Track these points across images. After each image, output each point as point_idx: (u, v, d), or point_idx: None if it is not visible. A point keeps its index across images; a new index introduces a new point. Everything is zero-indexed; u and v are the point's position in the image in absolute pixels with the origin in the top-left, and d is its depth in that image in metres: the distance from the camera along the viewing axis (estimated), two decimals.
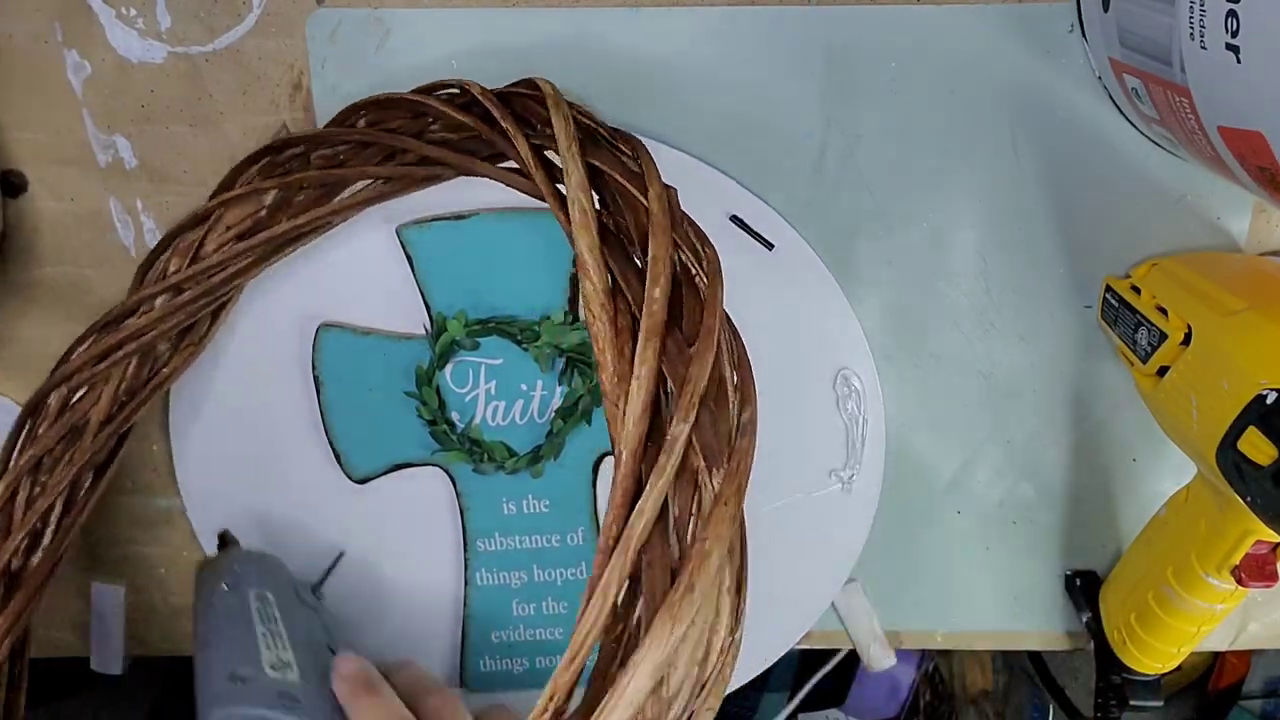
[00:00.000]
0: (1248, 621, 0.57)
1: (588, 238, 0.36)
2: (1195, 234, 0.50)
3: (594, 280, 0.35)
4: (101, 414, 0.46)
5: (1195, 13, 0.35)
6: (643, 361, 0.33)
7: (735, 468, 0.34)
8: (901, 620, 0.58)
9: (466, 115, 0.42)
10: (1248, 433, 0.38)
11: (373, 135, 0.45)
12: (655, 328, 0.33)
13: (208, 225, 0.45)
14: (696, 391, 0.33)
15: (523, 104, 0.42)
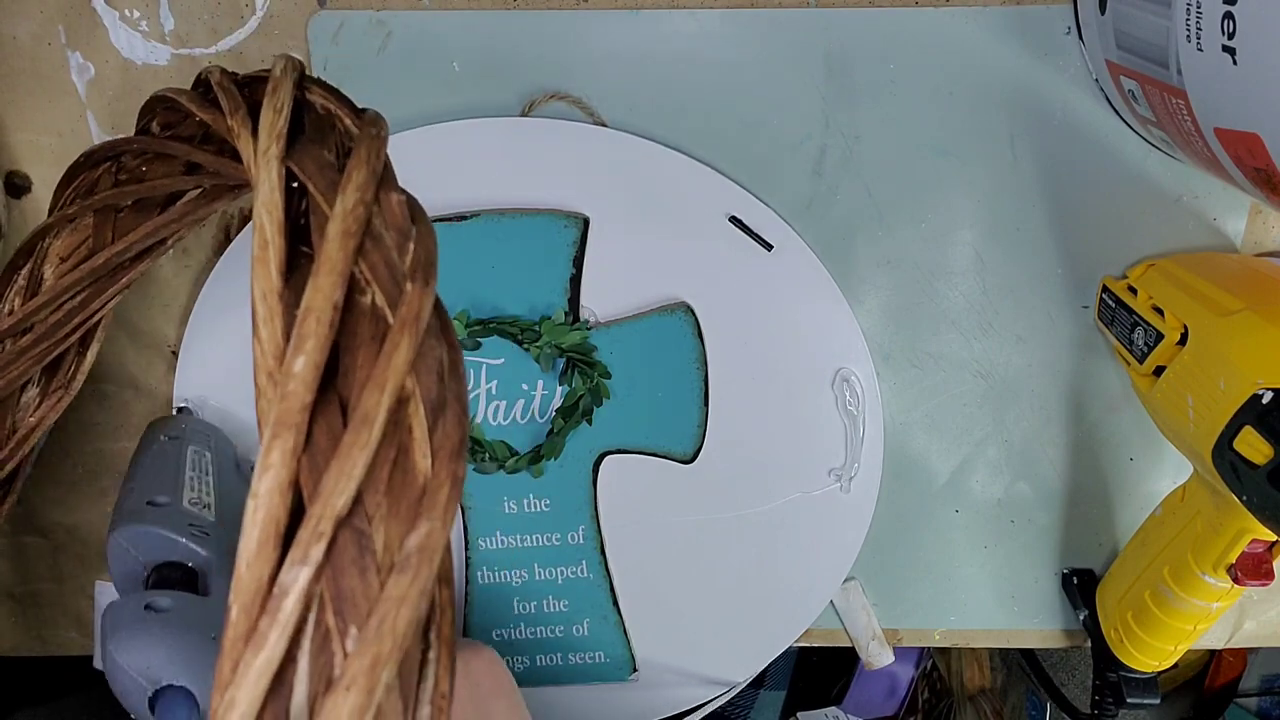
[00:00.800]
0: (1244, 619, 0.57)
1: (264, 278, 0.25)
2: (1191, 235, 0.50)
3: (263, 339, 0.24)
4: None
5: (1192, 15, 0.35)
6: (264, 469, 0.22)
7: (378, 629, 0.21)
8: (900, 618, 0.58)
9: (209, 112, 0.35)
10: (1244, 432, 0.38)
11: (158, 145, 0.40)
12: (289, 418, 0.23)
13: (36, 258, 0.41)
14: (329, 514, 0.22)
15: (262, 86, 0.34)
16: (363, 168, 0.28)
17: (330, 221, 0.26)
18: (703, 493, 0.55)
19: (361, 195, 0.27)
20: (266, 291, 0.25)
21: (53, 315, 0.41)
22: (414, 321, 0.24)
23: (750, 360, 0.53)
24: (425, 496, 0.24)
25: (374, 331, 0.25)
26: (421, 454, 0.24)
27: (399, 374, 0.24)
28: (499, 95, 0.50)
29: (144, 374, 0.55)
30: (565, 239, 0.50)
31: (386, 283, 0.25)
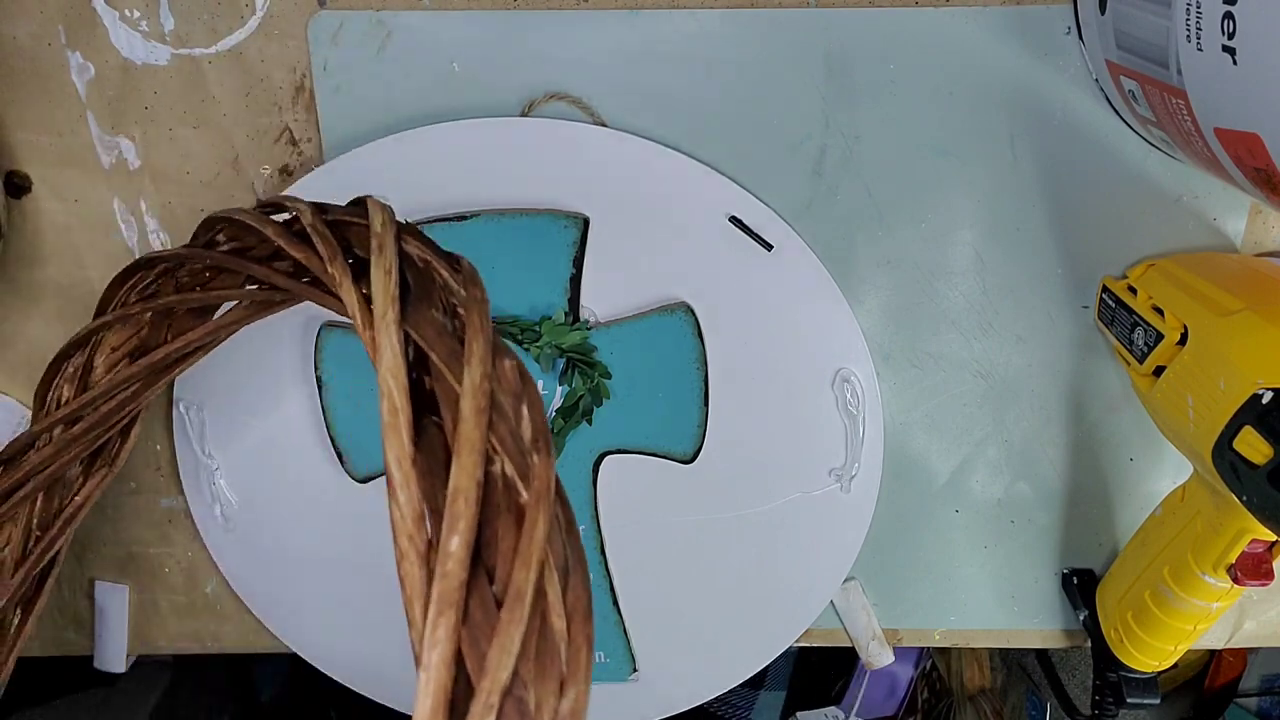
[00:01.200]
0: (1244, 619, 0.57)
1: (396, 445, 0.27)
2: (1191, 235, 0.50)
3: (401, 504, 0.27)
4: (16, 553, 0.44)
5: (1192, 15, 0.35)
6: (433, 645, 0.25)
7: None
8: (900, 618, 0.58)
9: (301, 250, 0.36)
10: (1244, 432, 0.38)
11: (228, 261, 0.40)
12: (450, 596, 0.25)
13: (90, 349, 0.43)
14: (495, 688, 0.24)
15: (357, 233, 0.35)
16: (480, 337, 0.29)
17: (462, 398, 0.27)
18: (703, 493, 0.55)
19: (485, 368, 0.28)
20: (400, 458, 0.27)
21: (104, 405, 0.42)
22: (545, 494, 0.27)
23: (750, 360, 0.53)
24: (568, 660, 0.26)
25: (508, 502, 0.27)
26: (557, 615, 0.26)
27: (540, 548, 0.26)
28: (499, 95, 0.50)
29: None
30: (565, 239, 0.50)
31: (514, 454, 0.27)
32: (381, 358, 0.28)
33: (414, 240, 0.34)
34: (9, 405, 0.56)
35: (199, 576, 0.59)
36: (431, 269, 0.33)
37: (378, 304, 0.30)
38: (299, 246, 0.36)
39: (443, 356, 0.28)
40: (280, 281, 0.38)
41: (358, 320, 0.31)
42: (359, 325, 0.31)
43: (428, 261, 0.33)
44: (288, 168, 0.51)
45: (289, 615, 0.58)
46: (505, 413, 0.28)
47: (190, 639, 0.60)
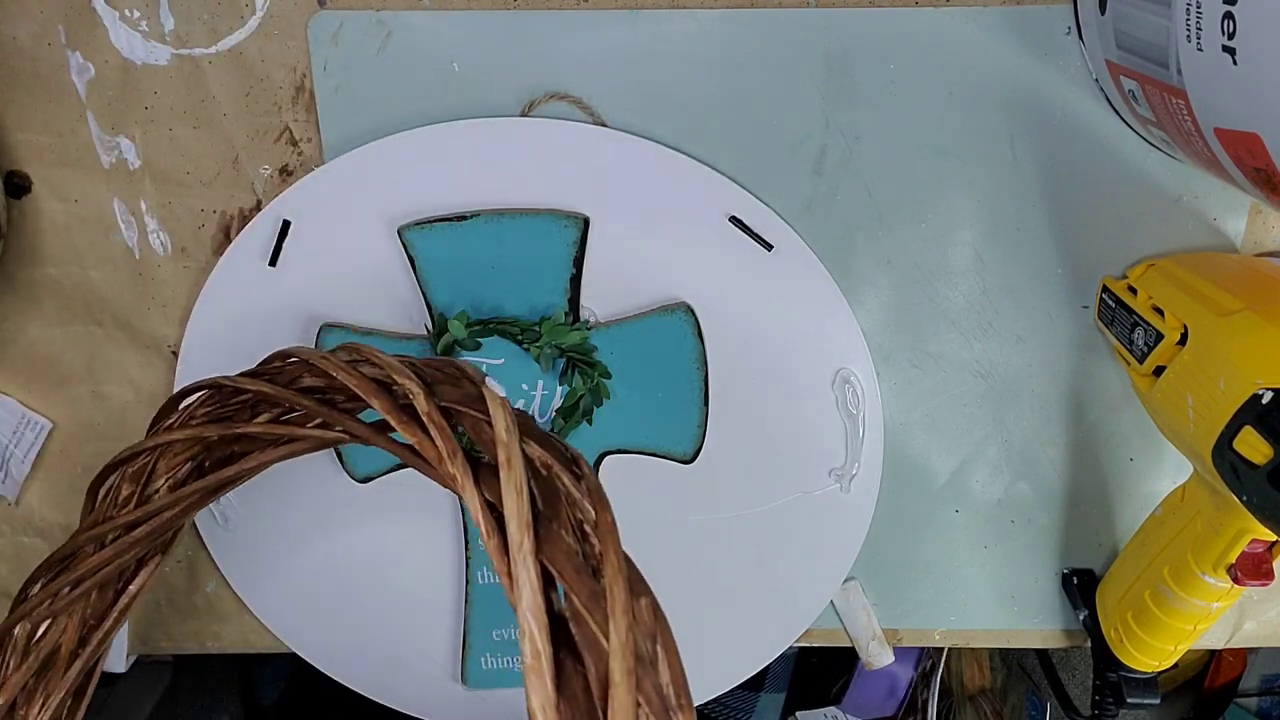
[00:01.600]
0: (1244, 619, 0.57)
1: (540, 692, 0.27)
2: (1191, 235, 0.50)
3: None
4: (71, 644, 0.45)
5: (1192, 15, 0.35)
6: None
7: None
8: (900, 618, 0.58)
9: (413, 432, 0.35)
10: (1244, 432, 0.38)
11: (319, 410, 0.40)
12: None
13: (155, 458, 0.44)
14: None
15: (473, 424, 0.34)
16: (620, 580, 0.28)
17: (611, 658, 0.27)
18: (703, 493, 0.55)
19: (629, 618, 0.27)
20: (545, 704, 0.27)
21: (166, 514, 0.43)
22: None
23: (750, 360, 0.53)
24: None
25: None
26: None
27: None
28: (499, 95, 0.50)
29: (144, 374, 0.55)
30: (565, 239, 0.50)
31: (660, 712, 0.27)
32: (520, 595, 0.28)
33: (534, 442, 0.33)
34: (9, 405, 0.56)
35: (199, 576, 0.59)
36: (554, 476, 0.32)
37: (512, 531, 0.29)
38: (411, 428, 0.35)
39: (584, 600, 0.28)
40: (383, 444, 0.38)
41: (483, 529, 0.30)
42: (484, 535, 0.30)
43: (550, 467, 0.33)
44: (288, 167, 0.51)
45: (289, 615, 0.58)
46: (648, 664, 0.28)
47: (190, 639, 0.60)
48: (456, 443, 0.33)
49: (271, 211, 0.51)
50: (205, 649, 0.60)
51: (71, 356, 0.55)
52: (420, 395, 0.35)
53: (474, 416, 0.34)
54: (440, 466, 0.33)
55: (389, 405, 0.36)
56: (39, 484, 0.57)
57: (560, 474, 0.32)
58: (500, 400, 0.34)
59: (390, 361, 0.37)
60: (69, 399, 0.56)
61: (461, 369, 0.38)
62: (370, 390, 0.37)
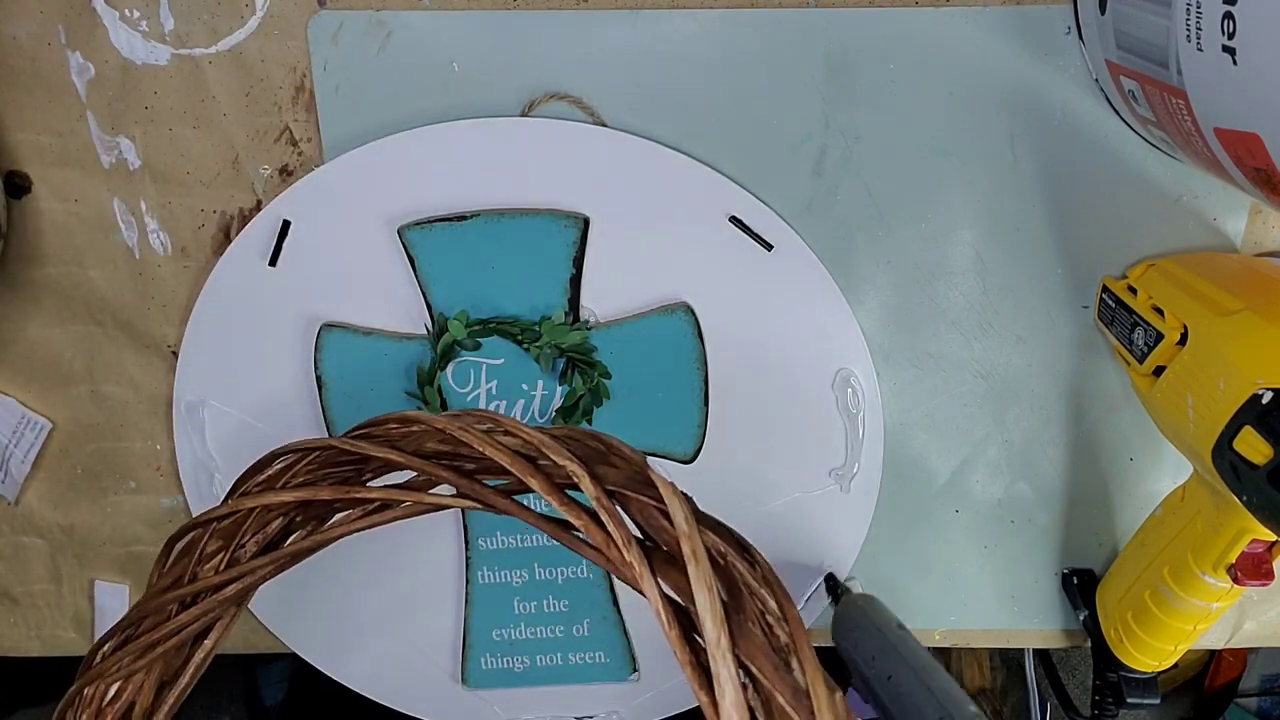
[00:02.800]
0: (1244, 619, 0.57)
1: None
2: (1191, 235, 0.50)
3: None
4: (147, 702, 0.44)
5: (1192, 15, 0.35)
6: None
7: None
8: (900, 618, 0.58)
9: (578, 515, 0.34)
10: (1244, 432, 0.38)
11: (458, 482, 0.38)
12: None
13: (249, 517, 0.42)
14: None
15: (640, 509, 0.33)
16: (819, 679, 0.28)
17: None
18: (703, 493, 0.54)
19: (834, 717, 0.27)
20: None
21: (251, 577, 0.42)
22: None
23: (750, 360, 0.53)
24: None
25: None
26: None
27: None
28: (499, 95, 0.50)
29: (144, 374, 0.55)
30: (565, 239, 0.50)
31: None
32: (724, 693, 0.27)
33: (707, 529, 0.32)
34: (9, 405, 0.56)
35: None
36: (731, 565, 0.31)
37: (709, 630, 0.28)
38: (575, 511, 0.34)
39: (788, 698, 0.27)
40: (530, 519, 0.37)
41: (663, 621, 0.30)
42: (664, 626, 0.30)
43: (725, 555, 0.32)
44: (288, 167, 0.51)
45: (289, 616, 0.58)
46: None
47: None
48: (630, 532, 0.32)
49: (271, 211, 0.51)
50: None
51: (71, 356, 0.55)
52: (585, 478, 0.34)
53: (642, 502, 0.33)
54: (609, 551, 0.32)
55: (548, 486, 0.35)
56: (39, 484, 0.57)
57: (736, 562, 0.32)
58: (672, 486, 0.33)
59: (540, 438, 0.36)
60: (69, 399, 0.56)
61: (616, 445, 0.36)
62: (526, 470, 0.35)
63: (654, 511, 0.32)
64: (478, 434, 0.37)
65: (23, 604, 0.59)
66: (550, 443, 0.35)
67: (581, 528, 0.33)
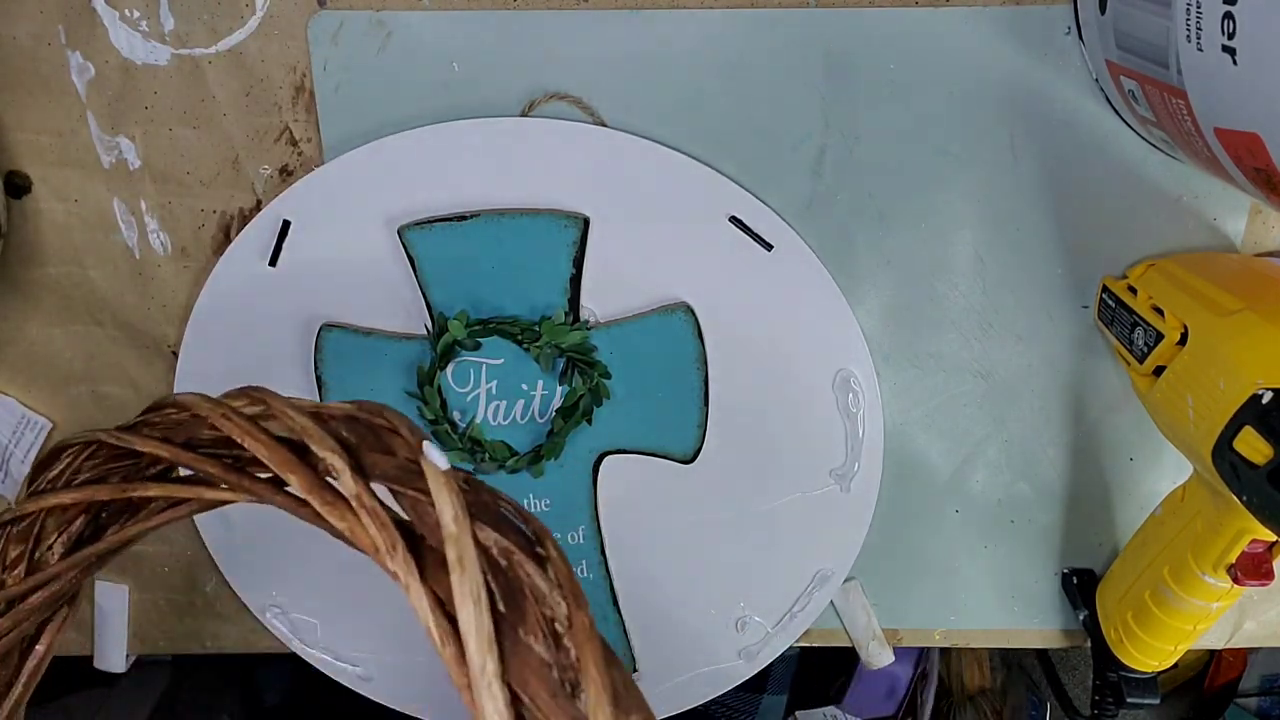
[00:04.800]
0: (1244, 619, 0.57)
1: None
2: (1192, 235, 0.50)
3: None
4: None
5: (1192, 15, 0.35)
6: None
7: None
8: (900, 619, 0.58)
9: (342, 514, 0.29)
10: (1244, 432, 0.38)
11: (225, 477, 0.35)
12: None
13: (44, 516, 0.38)
14: None
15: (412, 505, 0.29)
16: (603, 703, 0.24)
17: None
18: (703, 493, 0.55)
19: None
20: None
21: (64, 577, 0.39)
22: None
23: (750, 360, 0.53)
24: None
25: None
26: None
27: None
28: (499, 95, 0.50)
29: (144, 374, 0.55)
30: (565, 239, 0.50)
31: None
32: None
33: (488, 525, 0.28)
34: (9, 405, 0.56)
35: (198, 576, 0.59)
36: (516, 566, 0.27)
37: (472, 652, 0.24)
38: (339, 510, 0.29)
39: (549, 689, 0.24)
40: (307, 517, 0.32)
41: (435, 639, 0.26)
42: (437, 645, 0.25)
43: (510, 555, 0.27)
44: (287, 167, 0.51)
45: (288, 616, 0.58)
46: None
47: (190, 639, 0.60)
48: (396, 534, 0.28)
49: (271, 211, 0.51)
50: (204, 649, 0.60)
51: (71, 356, 0.55)
52: (346, 473, 0.29)
53: (413, 497, 0.28)
54: (377, 559, 0.28)
55: (310, 483, 0.30)
56: None
57: (523, 563, 0.27)
58: (444, 477, 0.28)
59: (305, 424, 0.31)
60: (69, 399, 0.56)
61: (395, 426, 0.31)
62: (284, 463, 0.31)
63: (426, 507, 0.28)
64: (240, 422, 0.33)
65: None
66: (314, 429, 0.31)
67: (347, 532, 0.29)
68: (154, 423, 0.37)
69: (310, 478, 0.30)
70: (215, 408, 0.34)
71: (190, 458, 0.34)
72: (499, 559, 0.27)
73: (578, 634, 0.25)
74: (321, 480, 0.30)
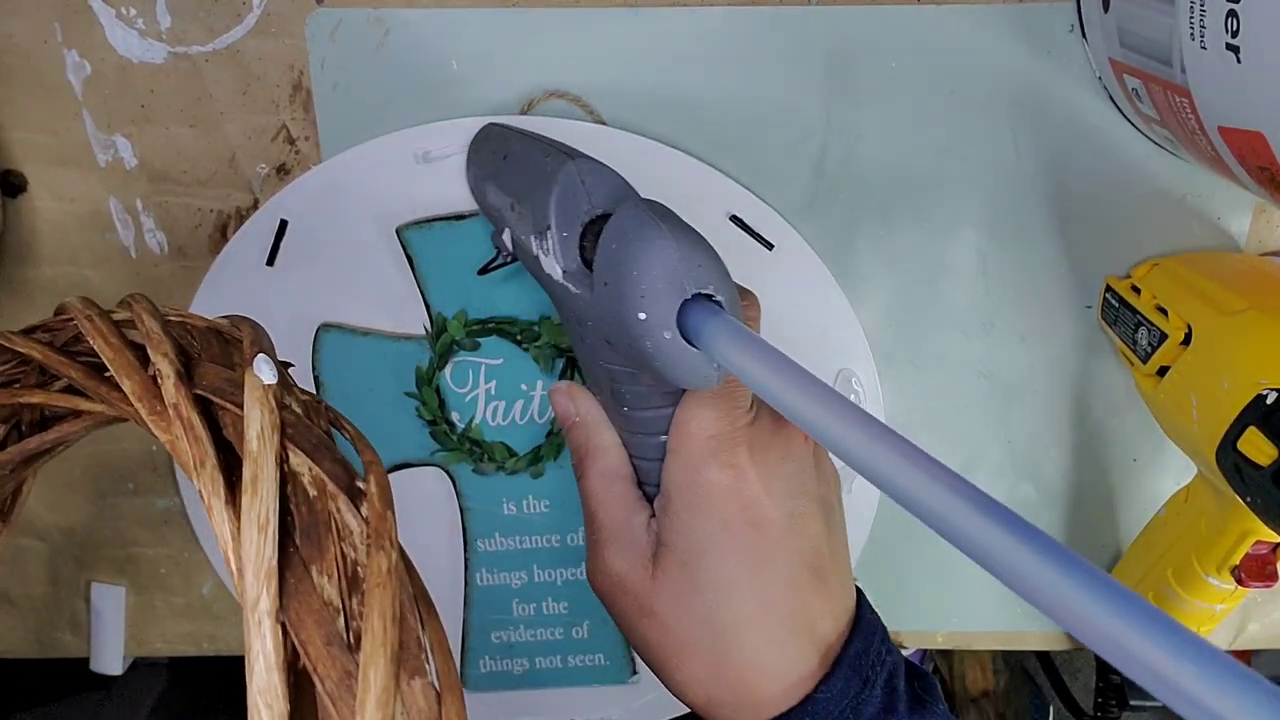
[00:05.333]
0: (1247, 622, 0.57)
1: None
2: (1196, 234, 0.50)
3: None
4: None
5: (1195, 13, 0.35)
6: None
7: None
8: (902, 620, 0.58)
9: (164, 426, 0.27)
10: (1248, 433, 0.38)
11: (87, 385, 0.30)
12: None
13: None
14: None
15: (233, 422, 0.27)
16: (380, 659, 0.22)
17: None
18: None
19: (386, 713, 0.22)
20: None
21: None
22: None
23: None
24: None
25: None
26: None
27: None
28: (498, 94, 0.49)
29: None
30: None
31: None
32: (252, 670, 0.22)
33: (303, 451, 0.26)
34: None
35: (196, 578, 0.58)
36: (327, 499, 0.25)
37: (249, 581, 0.23)
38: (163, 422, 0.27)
39: (331, 685, 0.22)
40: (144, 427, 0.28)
41: (231, 563, 0.24)
42: (232, 573, 0.24)
43: (323, 484, 0.26)
44: (285, 166, 0.51)
45: None
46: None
47: (187, 641, 0.60)
48: (210, 449, 0.26)
49: (269, 211, 0.51)
50: (202, 651, 0.60)
51: None
52: (170, 380, 0.27)
53: (233, 413, 0.26)
54: (190, 475, 0.26)
55: (140, 389, 0.28)
56: (37, 485, 0.57)
57: (335, 496, 0.25)
58: (261, 391, 0.26)
59: (153, 329, 0.29)
60: None
61: (241, 338, 0.30)
62: (124, 366, 0.28)
63: (237, 418, 0.26)
64: (100, 324, 0.30)
65: (21, 607, 0.59)
66: (159, 336, 0.29)
67: (169, 445, 0.27)
68: (51, 327, 0.33)
69: (143, 384, 0.28)
70: (85, 309, 0.31)
71: (58, 360, 0.31)
72: (309, 488, 0.25)
73: (371, 579, 0.24)
74: (155, 388, 0.28)
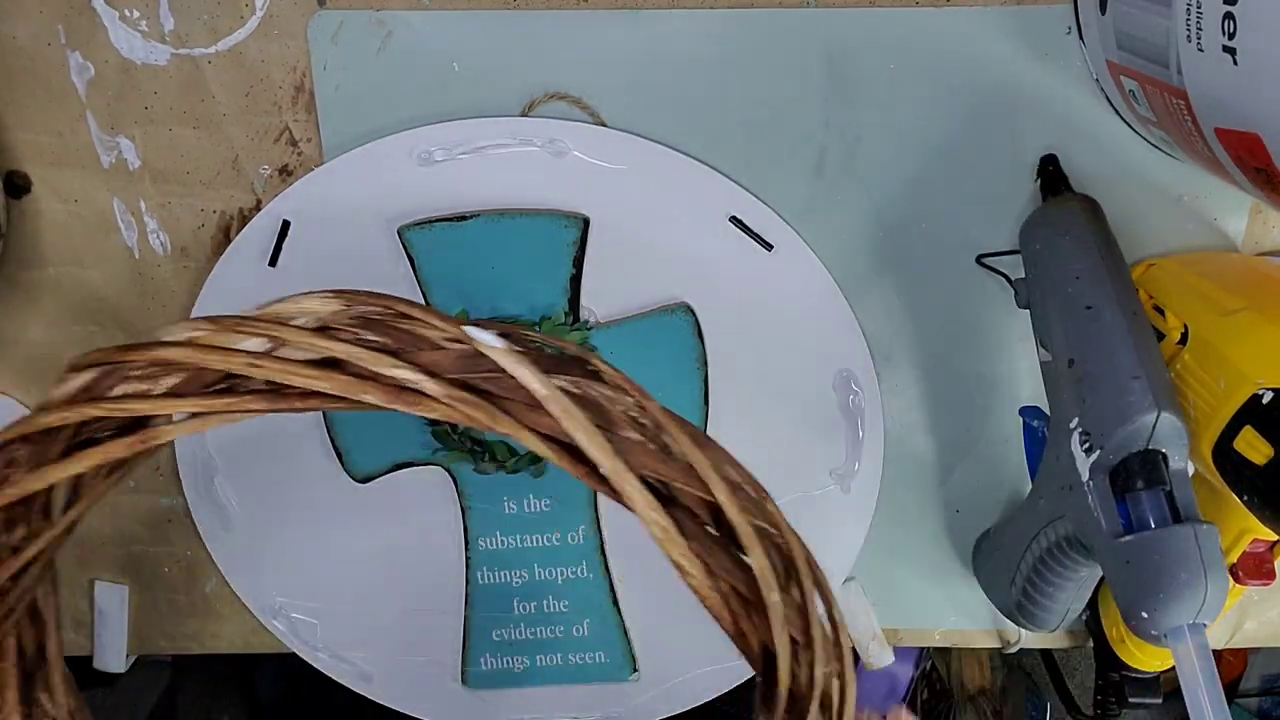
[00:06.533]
0: (1244, 619, 0.57)
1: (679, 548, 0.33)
2: (1192, 234, 0.50)
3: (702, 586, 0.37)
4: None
5: (1192, 15, 0.35)
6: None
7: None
8: (900, 618, 0.58)
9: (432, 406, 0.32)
10: (1244, 432, 0.38)
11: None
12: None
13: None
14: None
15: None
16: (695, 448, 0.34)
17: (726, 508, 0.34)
18: None
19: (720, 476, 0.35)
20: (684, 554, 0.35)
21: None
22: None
23: (750, 360, 0.52)
24: None
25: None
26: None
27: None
28: (499, 95, 0.50)
29: None
30: (565, 239, 0.50)
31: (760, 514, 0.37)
32: (635, 503, 0.32)
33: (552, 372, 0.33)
34: (9, 405, 0.55)
35: (198, 576, 0.59)
36: (585, 388, 0.33)
37: (602, 462, 0.31)
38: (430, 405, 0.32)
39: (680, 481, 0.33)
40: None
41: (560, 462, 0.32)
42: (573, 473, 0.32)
43: (579, 383, 0.33)
44: (287, 167, 0.51)
45: (288, 616, 0.58)
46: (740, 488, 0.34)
47: (190, 639, 0.60)
48: (494, 408, 0.32)
49: (271, 211, 0.51)
50: (205, 649, 0.60)
51: None
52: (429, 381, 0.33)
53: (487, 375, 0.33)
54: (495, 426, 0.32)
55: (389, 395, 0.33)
56: None
57: (589, 385, 0.33)
58: (509, 355, 0.32)
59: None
60: None
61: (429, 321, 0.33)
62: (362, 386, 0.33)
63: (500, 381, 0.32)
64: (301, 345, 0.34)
65: None
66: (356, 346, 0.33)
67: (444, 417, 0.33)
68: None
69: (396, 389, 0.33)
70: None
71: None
72: (573, 389, 0.33)
73: (651, 413, 0.33)
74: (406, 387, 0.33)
